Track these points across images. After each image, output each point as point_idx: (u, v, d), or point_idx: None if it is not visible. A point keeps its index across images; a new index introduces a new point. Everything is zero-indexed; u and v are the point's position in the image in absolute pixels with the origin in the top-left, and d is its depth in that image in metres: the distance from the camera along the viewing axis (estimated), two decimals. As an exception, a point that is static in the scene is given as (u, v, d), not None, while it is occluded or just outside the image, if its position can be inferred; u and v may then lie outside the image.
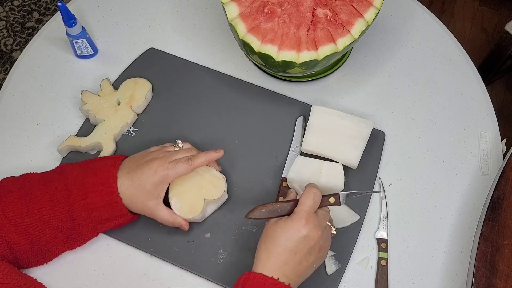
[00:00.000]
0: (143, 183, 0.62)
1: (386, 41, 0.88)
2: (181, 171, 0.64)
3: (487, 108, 0.82)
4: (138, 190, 0.62)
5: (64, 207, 0.61)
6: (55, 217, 0.61)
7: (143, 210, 0.64)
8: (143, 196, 0.63)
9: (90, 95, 0.77)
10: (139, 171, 0.63)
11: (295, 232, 0.58)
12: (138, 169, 0.63)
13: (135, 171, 0.63)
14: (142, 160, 0.64)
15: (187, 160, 0.64)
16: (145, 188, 0.62)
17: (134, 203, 0.63)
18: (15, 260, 0.62)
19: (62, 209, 0.61)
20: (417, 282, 0.69)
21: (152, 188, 0.63)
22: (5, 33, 1.71)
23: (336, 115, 0.74)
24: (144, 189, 0.62)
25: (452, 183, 0.76)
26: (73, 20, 0.76)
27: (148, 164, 0.63)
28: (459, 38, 0.90)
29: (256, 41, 0.70)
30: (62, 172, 0.63)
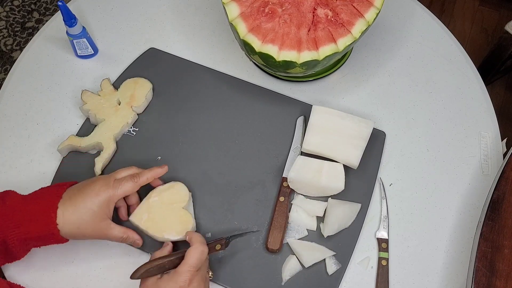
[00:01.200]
0: (88, 206, 0.60)
1: (386, 41, 0.88)
2: (127, 189, 0.62)
3: (487, 108, 0.82)
4: (84, 214, 0.60)
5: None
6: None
7: (94, 233, 0.61)
8: (92, 220, 0.60)
9: (91, 95, 0.77)
10: (82, 195, 0.60)
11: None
12: (80, 193, 0.61)
13: (78, 196, 0.60)
14: (83, 184, 0.62)
15: (132, 178, 0.63)
16: (92, 211, 0.60)
17: (83, 229, 0.60)
18: None
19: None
20: (417, 282, 0.69)
21: (100, 209, 0.60)
22: (5, 33, 1.71)
23: (337, 115, 0.74)
24: (90, 212, 0.60)
25: (452, 183, 0.76)
26: (74, 20, 0.76)
27: (90, 186, 0.61)
28: (459, 38, 0.91)
29: (256, 41, 0.70)
30: (5, 197, 0.61)
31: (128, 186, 0.63)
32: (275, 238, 0.68)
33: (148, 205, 0.66)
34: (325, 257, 0.68)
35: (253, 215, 0.71)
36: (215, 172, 0.74)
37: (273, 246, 0.68)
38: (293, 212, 0.71)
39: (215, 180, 0.73)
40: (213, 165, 0.74)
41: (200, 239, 0.61)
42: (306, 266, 0.67)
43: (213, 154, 0.75)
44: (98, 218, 0.61)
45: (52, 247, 0.68)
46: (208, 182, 0.73)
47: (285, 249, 0.69)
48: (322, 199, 0.72)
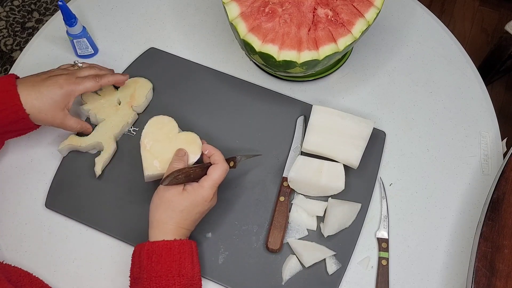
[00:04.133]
0: (51, 95, 0.65)
1: (386, 41, 0.88)
2: (88, 87, 0.68)
3: (487, 108, 0.82)
4: (46, 101, 0.65)
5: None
6: None
7: (52, 121, 0.68)
8: (52, 107, 0.66)
9: (91, 95, 0.77)
10: (46, 84, 0.66)
11: (202, 201, 0.63)
12: (44, 82, 0.66)
13: (42, 84, 0.66)
14: (45, 76, 0.68)
15: (95, 77, 0.69)
16: (53, 99, 0.66)
17: (44, 114, 0.66)
18: None
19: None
20: (417, 281, 0.69)
21: (60, 99, 0.66)
22: (5, 33, 1.71)
23: (337, 115, 0.74)
24: (52, 100, 0.66)
25: (452, 183, 0.76)
26: (74, 20, 0.76)
27: (52, 79, 0.67)
28: (459, 38, 0.91)
29: (257, 41, 0.70)
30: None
31: (89, 84, 0.68)
32: (275, 238, 0.68)
33: (150, 153, 0.68)
34: (325, 257, 0.68)
35: (253, 215, 0.71)
36: (215, 172, 0.74)
37: (273, 246, 0.68)
38: (293, 212, 0.71)
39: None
40: (213, 165, 0.74)
41: (222, 157, 0.66)
42: (306, 266, 0.67)
43: (213, 154, 0.75)
44: (58, 107, 0.67)
45: (52, 247, 0.68)
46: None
47: (285, 249, 0.69)
48: (322, 199, 0.72)
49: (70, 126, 0.70)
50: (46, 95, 0.65)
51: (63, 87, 0.66)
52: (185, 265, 0.60)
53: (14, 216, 0.71)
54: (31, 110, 0.65)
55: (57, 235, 0.70)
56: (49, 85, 0.66)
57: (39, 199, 0.72)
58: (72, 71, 0.70)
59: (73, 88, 0.67)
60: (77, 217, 0.71)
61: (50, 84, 0.66)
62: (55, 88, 0.66)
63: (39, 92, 0.65)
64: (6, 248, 0.68)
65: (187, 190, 0.63)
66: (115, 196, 0.72)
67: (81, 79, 0.68)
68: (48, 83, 0.66)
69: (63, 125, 0.69)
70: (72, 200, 0.71)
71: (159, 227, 0.62)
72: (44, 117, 0.66)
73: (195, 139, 0.68)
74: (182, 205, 0.62)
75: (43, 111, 0.66)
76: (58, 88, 0.66)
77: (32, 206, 0.71)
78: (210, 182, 0.63)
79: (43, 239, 0.69)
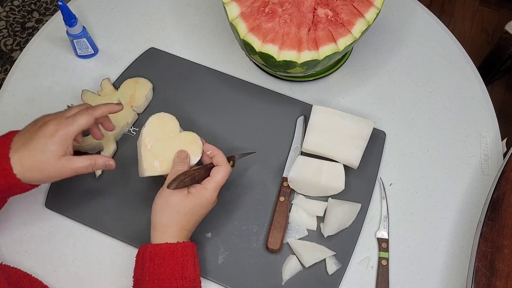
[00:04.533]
0: (45, 148, 0.58)
1: (386, 41, 0.88)
2: (82, 123, 0.60)
3: (487, 108, 0.82)
4: (42, 157, 0.58)
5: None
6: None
7: (57, 172, 0.59)
8: (51, 160, 0.58)
9: (91, 95, 0.77)
10: (36, 138, 0.58)
11: (206, 203, 0.63)
12: (33, 137, 0.58)
13: (31, 140, 0.58)
14: (36, 127, 0.60)
15: (87, 110, 0.61)
16: (49, 151, 0.58)
17: (45, 171, 0.58)
18: None
19: None
20: (417, 281, 0.69)
21: (57, 148, 0.58)
22: (5, 33, 1.71)
23: (337, 115, 0.74)
24: (48, 153, 0.58)
25: (452, 183, 0.76)
26: (74, 20, 0.76)
27: (42, 129, 0.59)
28: (459, 38, 0.91)
29: (257, 41, 0.70)
30: None
31: (83, 120, 0.60)
32: (275, 238, 0.68)
33: (151, 152, 0.67)
34: (325, 257, 0.68)
35: (253, 215, 0.71)
36: (215, 172, 0.74)
37: (273, 246, 0.68)
38: (293, 212, 0.71)
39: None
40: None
41: (225, 159, 0.65)
42: (306, 266, 0.67)
43: (213, 154, 0.75)
44: (57, 156, 0.59)
45: (52, 247, 0.68)
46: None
47: (285, 249, 0.69)
48: (322, 199, 0.72)
49: (81, 168, 0.61)
50: (39, 150, 0.58)
51: (55, 134, 0.58)
52: (188, 268, 0.60)
53: (14, 216, 0.71)
54: (28, 174, 0.58)
55: (57, 235, 0.70)
56: (40, 138, 0.58)
57: (39, 199, 0.72)
58: (60, 113, 0.62)
59: (66, 130, 0.59)
60: (77, 217, 0.71)
61: (40, 136, 0.58)
62: (46, 138, 0.58)
63: (30, 150, 0.57)
64: (6, 248, 0.68)
65: (191, 193, 0.62)
66: (115, 196, 0.72)
67: (72, 117, 0.60)
68: (38, 136, 0.58)
69: (72, 171, 0.60)
70: (72, 200, 0.71)
71: (163, 229, 0.62)
72: (47, 174, 0.59)
73: (196, 139, 0.68)
74: (187, 208, 0.62)
75: (43, 168, 0.58)
76: (50, 138, 0.58)
77: (32, 206, 0.71)
78: (214, 184, 0.63)
79: (43, 239, 0.69)
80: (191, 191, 0.63)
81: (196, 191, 0.63)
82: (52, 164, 0.58)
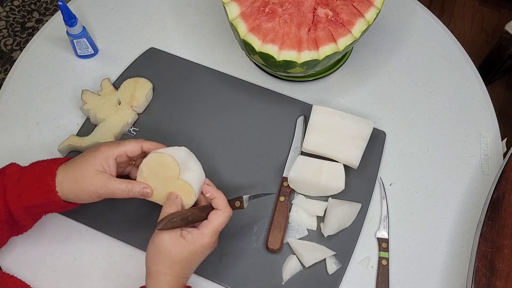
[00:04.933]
0: (85, 160, 0.60)
1: (386, 41, 0.88)
2: (129, 147, 0.61)
3: (487, 108, 0.82)
4: (80, 168, 0.59)
5: (1, 202, 0.58)
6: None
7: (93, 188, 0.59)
8: (89, 172, 0.59)
9: (91, 95, 0.77)
10: (83, 154, 0.61)
11: (202, 250, 0.58)
12: (82, 156, 0.61)
13: (79, 156, 0.61)
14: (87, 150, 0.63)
15: (137, 140, 0.63)
16: (89, 163, 0.59)
17: (80, 182, 0.59)
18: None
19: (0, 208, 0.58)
20: (417, 281, 0.69)
21: (96, 161, 0.59)
22: (5, 33, 1.71)
23: (337, 114, 0.74)
24: (87, 164, 0.59)
25: (452, 183, 0.76)
26: (74, 20, 0.76)
27: (91, 147, 0.62)
28: (459, 38, 0.91)
29: (257, 41, 0.70)
30: (6, 169, 0.61)
31: (129, 144, 0.61)
32: (275, 237, 0.68)
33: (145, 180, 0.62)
34: (326, 256, 0.68)
35: (253, 215, 0.71)
36: (215, 172, 0.74)
37: (274, 246, 0.68)
38: (293, 212, 0.71)
39: (215, 180, 0.73)
40: (213, 165, 0.74)
41: (226, 202, 0.61)
42: (306, 266, 0.67)
43: (213, 154, 0.75)
44: (95, 170, 0.59)
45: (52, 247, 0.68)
46: (208, 182, 0.73)
47: (286, 249, 0.69)
48: (322, 199, 0.72)
49: (117, 189, 0.60)
50: (81, 162, 0.60)
51: (98, 149, 0.60)
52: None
53: (14, 216, 0.71)
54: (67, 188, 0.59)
55: (57, 235, 0.70)
56: (85, 153, 0.61)
57: (39, 199, 0.72)
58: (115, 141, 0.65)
59: (109, 148, 0.60)
60: (77, 217, 0.71)
61: (86, 152, 0.61)
62: (90, 152, 0.60)
63: (74, 162, 0.60)
64: (6, 248, 0.68)
65: (186, 239, 0.57)
66: (115, 196, 0.72)
67: (122, 141, 0.62)
68: (85, 152, 0.61)
69: (108, 190, 0.59)
70: (72, 200, 0.71)
71: (157, 277, 0.57)
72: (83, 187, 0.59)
73: (191, 192, 0.61)
74: (181, 255, 0.57)
75: (80, 179, 0.58)
76: (93, 151, 0.60)
77: (32, 206, 0.71)
78: (211, 229, 0.58)
79: (43, 239, 0.69)
80: (185, 236, 0.58)
81: (190, 236, 0.58)
82: (88, 177, 0.59)
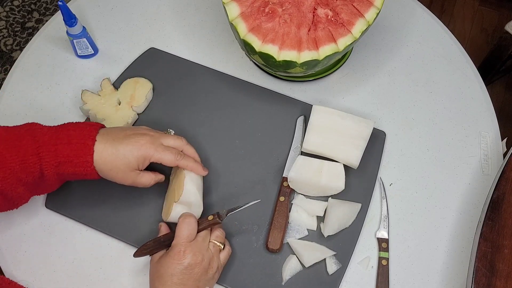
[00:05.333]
0: (127, 154, 0.61)
1: (386, 41, 0.88)
2: (165, 159, 0.63)
3: (487, 108, 0.82)
4: (120, 160, 0.61)
5: (36, 170, 0.60)
6: (27, 177, 0.59)
7: (123, 179, 0.63)
8: (124, 168, 0.62)
9: (91, 95, 0.77)
10: (126, 141, 0.62)
11: (177, 266, 0.59)
12: (125, 139, 0.62)
13: (122, 141, 0.62)
14: (131, 132, 0.64)
15: (176, 154, 0.64)
16: (128, 159, 0.61)
17: (114, 172, 0.62)
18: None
19: (34, 171, 0.60)
20: (417, 281, 0.69)
21: (134, 161, 0.62)
22: (5, 33, 1.71)
23: (337, 114, 0.74)
24: (126, 160, 0.61)
25: (452, 183, 0.76)
26: (74, 20, 0.76)
27: (137, 136, 0.63)
28: (459, 38, 0.91)
29: (257, 41, 0.70)
30: (33, 133, 0.61)
31: (168, 157, 0.63)
32: (275, 238, 0.68)
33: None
34: (326, 256, 0.68)
35: (253, 215, 0.71)
36: (215, 172, 0.74)
37: (273, 246, 0.68)
38: (293, 212, 0.71)
39: (215, 180, 0.73)
40: (213, 165, 0.74)
41: (187, 213, 0.63)
42: (306, 266, 0.67)
43: (213, 154, 0.75)
44: (130, 168, 0.62)
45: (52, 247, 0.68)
46: (207, 182, 0.73)
47: (286, 249, 0.69)
48: (322, 199, 0.72)
49: (143, 184, 0.65)
50: (122, 154, 0.61)
51: (141, 149, 0.62)
52: None
53: (14, 216, 0.71)
54: (101, 166, 0.61)
55: (57, 235, 0.70)
56: (129, 144, 0.62)
57: (39, 199, 0.72)
58: (158, 134, 0.65)
59: (151, 152, 0.62)
60: (77, 217, 0.71)
61: (130, 143, 0.62)
62: (133, 147, 0.62)
63: (116, 149, 0.61)
64: (6, 248, 0.68)
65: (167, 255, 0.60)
66: (115, 196, 0.72)
67: (163, 148, 0.63)
68: (128, 141, 0.62)
69: (135, 183, 0.65)
70: (72, 200, 0.71)
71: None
72: (114, 175, 0.62)
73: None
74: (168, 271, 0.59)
75: (114, 169, 0.62)
76: (137, 149, 0.62)
77: (32, 206, 0.71)
78: (176, 239, 0.60)
79: (43, 239, 0.69)
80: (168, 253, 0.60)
81: (163, 257, 0.60)
82: (122, 171, 0.62)
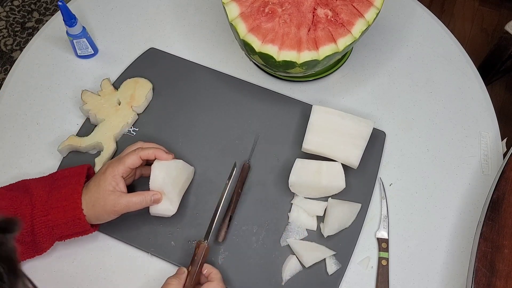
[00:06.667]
0: (97, 184, 0.63)
1: (386, 41, 0.88)
2: (129, 163, 0.64)
3: (487, 108, 0.82)
4: (95, 192, 0.63)
5: (28, 222, 0.61)
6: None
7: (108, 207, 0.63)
8: (101, 194, 0.62)
9: (91, 95, 0.77)
10: (95, 176, 0.65)
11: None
12: (93, 179, 0.65)
13: (94, 178, 0.65)
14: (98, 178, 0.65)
15: (135, 151, 0.65)
16: (98, 186, 0.63)
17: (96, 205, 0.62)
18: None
19: (26, 224, 0.60)
20: (417, 281, 0.69)
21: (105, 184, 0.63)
22: (5, 33, 1.71)
23: (337, 114, 0.74)
24: (97, 187, 0.63)
25: (452, 183, 0.76)
26: (74, 20, 0.76)
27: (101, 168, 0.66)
28: (459, 38, 0.90)
29: (256, 41, 0.70)
30: (27, 188, 0.63)
31: (129, 160, 0.65)
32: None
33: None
34: (325, 257, 0.68)
35: (253, 215, 0.71)
36: (215, 172, 0.74)
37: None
38: (293, 212, 0.71)
39: (214, 180, 0.73)
40: (213, 165, 0.74)
41: (220, 276, 0.63)
42: (306, 266, 0.67)
43: (213, 154, 0.75)
44: (107, 191, 0.63)
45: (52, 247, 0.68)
46: (207, 182, 0.73)
47: (286, 249, 0.69)
48: (322, 199, 0.72)
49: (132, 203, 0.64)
50: (95, 186, 0.63)
51: (105, 172, 0.64)
52: None
53: (14, 216, 0.71)
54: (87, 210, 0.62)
55: (57, 235, 0.70)
56: (96, 176, 0.64)
57: (39, 199, 0.72)
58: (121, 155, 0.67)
59: (113, 168, 0.64)
60: (77, 217, 0.71)
61: (97, 175, 0.65)
62: (99, 175, 0.64)
63: (91, 186, 0.64)
64: (6, 248, 0.68)
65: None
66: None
67: (124, 156, 0.65)
68: (96, 175, 0.65)
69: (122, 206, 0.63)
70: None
71: None
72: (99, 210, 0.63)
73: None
74: None
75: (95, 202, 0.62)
76: (102, 175, 0.64)
77: (32, 206, 0.71)
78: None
79: (43, 239, 0.69)
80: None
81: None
82: (101, 198, 0.63)
